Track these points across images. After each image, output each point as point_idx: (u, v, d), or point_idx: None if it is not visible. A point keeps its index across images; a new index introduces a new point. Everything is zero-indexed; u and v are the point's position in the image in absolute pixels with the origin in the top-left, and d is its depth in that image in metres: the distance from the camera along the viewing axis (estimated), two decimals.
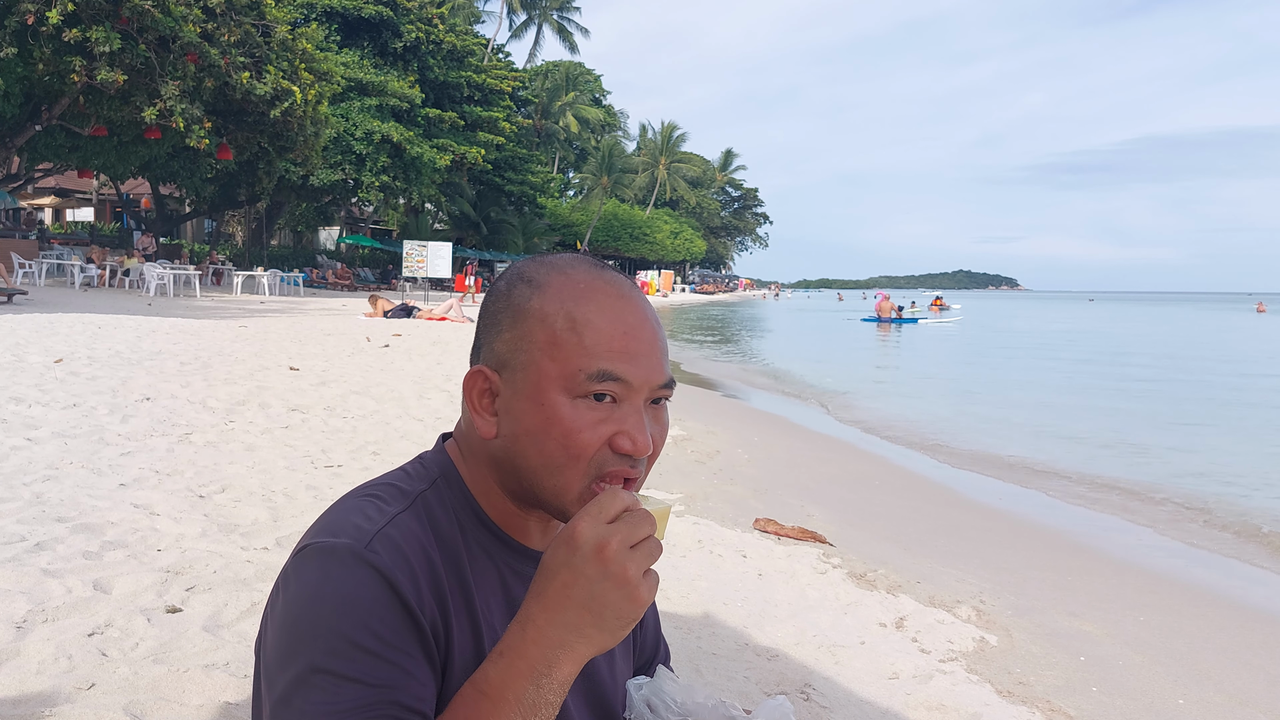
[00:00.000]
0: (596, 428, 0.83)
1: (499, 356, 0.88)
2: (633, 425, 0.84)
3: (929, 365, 17.65)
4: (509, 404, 0.86)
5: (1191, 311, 63.70)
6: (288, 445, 5.02)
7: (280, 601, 0.81)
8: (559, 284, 0.87)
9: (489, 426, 0.87)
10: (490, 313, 0.91)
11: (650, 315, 0.88)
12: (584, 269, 0.89)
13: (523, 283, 0.89)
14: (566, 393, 0.83)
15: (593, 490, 0.85)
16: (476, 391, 0.88)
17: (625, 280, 0.90)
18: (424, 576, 0.81)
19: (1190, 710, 2.57)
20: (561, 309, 0.85)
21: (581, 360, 0.83)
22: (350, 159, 33.32)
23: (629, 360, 0.84)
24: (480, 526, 0.90)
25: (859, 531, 4.44)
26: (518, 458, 0.86)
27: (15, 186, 25.26)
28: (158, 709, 1.99)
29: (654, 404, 0.88)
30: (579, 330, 0.84)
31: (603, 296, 0.86)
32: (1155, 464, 7.33)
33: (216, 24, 18.10)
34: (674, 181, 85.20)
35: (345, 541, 0.80)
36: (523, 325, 0.86)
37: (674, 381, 0.89)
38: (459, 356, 11.02)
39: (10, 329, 10.03)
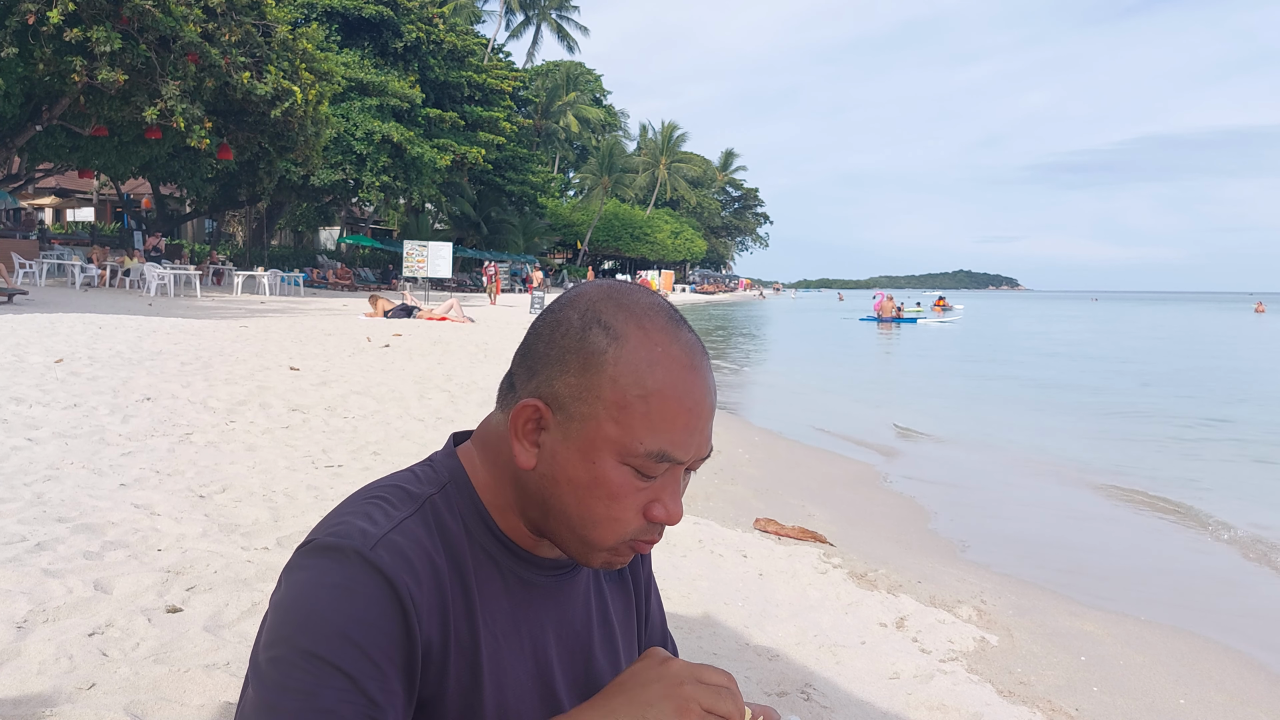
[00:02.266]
0: (637, 495, 0.84)
1: (559, 398, 0.85)
2: (669, 496, 0.85)
3: (930, 365, 17.64)
4: (556, 447, 0.85)
5: (1195, 312, 63.65)
6: (288, 445, 5.02)
7: (281, 590, 0.81)
8: (637, 342, 0.84)
9: (529, 458, 0.86)
10: (556, 345, 0.87)
11: (710, 387, 0.87)
12: (661, 325, 0.86)
13: (599, 328, 0.85)
14: (619, 459, 0.83)
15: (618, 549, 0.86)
16: (524, 420, 0.86)
17: (697, 345, 0.88)
18: (427, 584, 0.81)
19: (1191, 710, 2.57)
20: (635, 375, 0.83)
21: (644, 435, 0.82)
22: (351, 159, 33.34)
23: (687, 438, 0.84)
24: (487, 534, 0.89)
25: (860, 531, 4.44)
26: (553, 500, 0.86)
27: (16, 186, 25.27)
28: (158, 709, 1.99)
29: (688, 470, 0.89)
30: (649, 402, 0.82)
31: (677, 368, 0.84)
32: (1156, 464, 7.33)
33: (217, 24, 18.11)
34: (674, 181, 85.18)
35: (351, 543, 0.79)
36: (593, 377, 0.84)
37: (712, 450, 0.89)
38: (459, 356, 11.02)
39: (11, 329, 10.03)
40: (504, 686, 0.86)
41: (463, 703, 0.83)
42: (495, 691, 0.85)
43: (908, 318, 36.62)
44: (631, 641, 1.04)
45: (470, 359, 10.81)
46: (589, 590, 0.98)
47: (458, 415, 6.49)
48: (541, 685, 0.89)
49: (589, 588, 0.98)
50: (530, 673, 0.89)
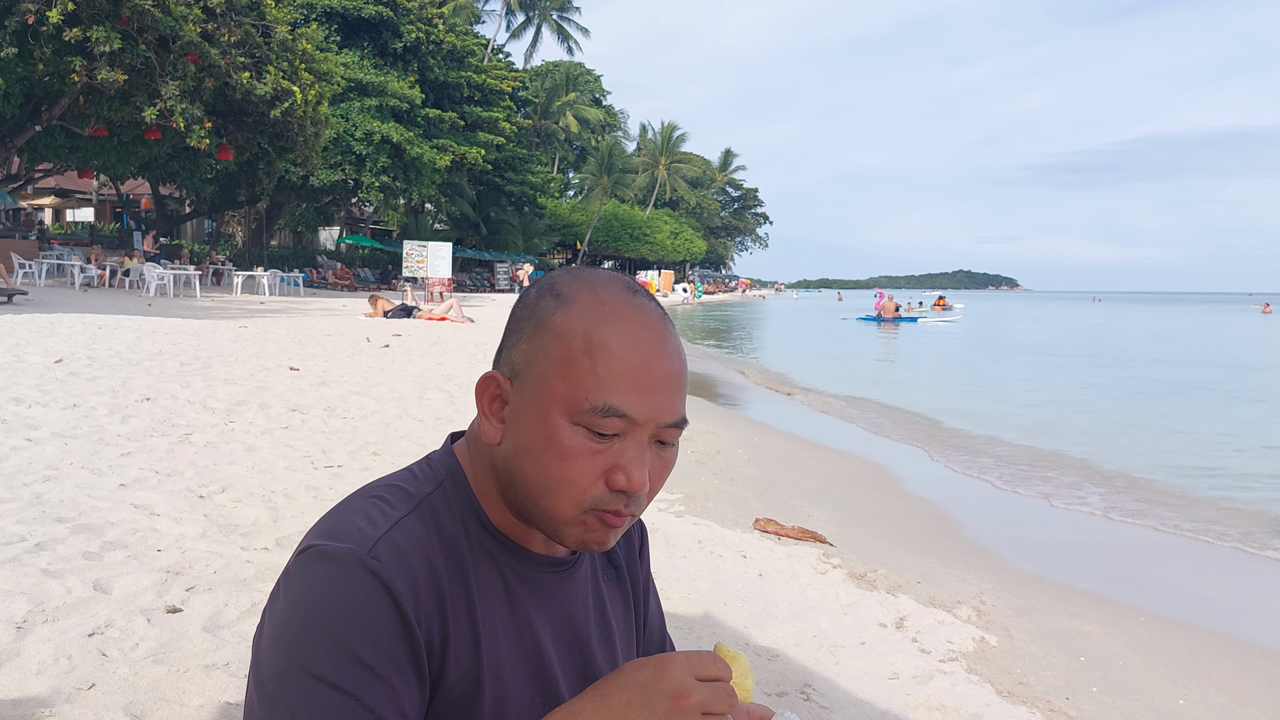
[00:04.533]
0: (593, 458, 0.82)
1: (514, 365, 0.86)
2: (630, 460, 0.82)
3: (931, 366, 17.65)
4: (516, 414, 0.85)
5: (1199, 313, 63.66)
6: (288, 445, 5.02)
7: (280, 601, 0.80)
8: (585, 302, 0.84)
9: (495, 433, 0.86)
10: (515, 319, 0.89)
11: (673, 348, 0.85)
12: (615, 290, 0.86)
13: (550, 295, 0.87)
14: (569, 416, 0.82)
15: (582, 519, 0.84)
16: (488, 396, 0.87)
17: (656, 308, 0.87)
18: (425, 585, 0.81)
19: (1190, 710, 2.57)
20: (581, 329, 0.83)
21: (590, 388, 0.81)
22: (350, 159, 33.34)
23: (638, 394, 0.81)
24: (484, 531, 0.89)
25: (859, 531, 4.44)
26: (515, 471, 0.85)
27: (15, 187, 25.27)
28: (158, 709, 1.99)
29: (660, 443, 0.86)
30: (594, 355, 0.81)
31: (626, 323, 0.83)
32: (1158, 466, 7.33)
33: (216, 24, 18.11)
34: (674, 181, 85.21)
35: (348, 546, 0.79)
36: (541, 338, 0.84)
37: (685, 421, 0.86)
38: (459, 357, 11.02)
39: (10, 329, 10.03)
40: (503, 683, 0.86)
41: (462, 700, 0.83)
42: (494, 688, 0.85)
43: (908, 317, 36.66)
44: (630, 643, 1.03)
45: (470, 359, 10.81)
46: (588, 589, 0.97)
47: (457, 415, 6.49)
48: (541, 682, 0.89)
49: (588, 586, 0.97)
50: (529, 669, 0.88)
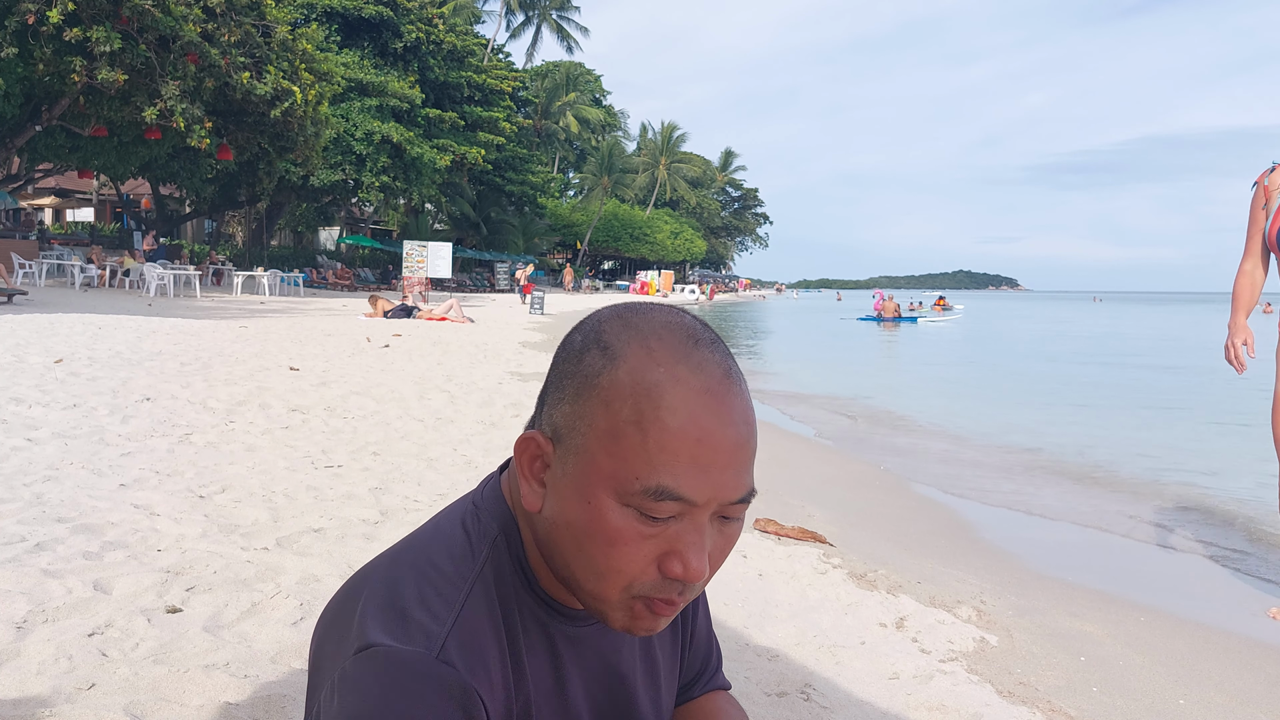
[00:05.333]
0: (645, 543, 0.73)
1: (556, 426, 0.76)
2: (688, 545, 0.73)
3: (931, 366, 17.65)
4: (558, 484, 0.76)
5: (1200, 313, 63.68)
6: (288, 446, 5.02)
7: (337, 705, 0.72)
8: (635, 359, 0.73)
9: (536, 499, 0.78)
10: (559, 371, 0.79)
11: (739, 413, 0.74)
12: (671, 343, 0.74)
13: (597, 348, 0.76)
14: (617, 497, 0.72)
15: (629, 604, 0.75)
16: (528, 457, 0.78)
17: (720, 361, 0.75)
18: (495, 682, 0.75)
19: (1191, 710, 2.57)
20: (631, 395, 0.72)
21: (640, 467, 0.71)
22: (350, 159, 33.36)
23: (697, 473, 0.71)
24: (532, 596, 0.82)
25: (859, 531, 4.44)
26: (557, 545, 0.77)
27: (15, 187, 25.29)
28: (158, 709, 1.99)
29: (724, 519, 0.76)
30: (645, 427, 0.71)
31: (683, 387, 0.72)
32: (1159, 467, 7.33)
33: (217, 24, 18.12)
34: (674, 182, 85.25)
35: (416, 650, 0.71)
36: (586, 402, 0.74)
37: (753, 493, 0.76)
38: (459, 357, 11.02)
39: (10, 329, 10.04)
40: None
41: None
42: None
43: (908, 317, 36.70)
44: (673, 666, 0.99)
45: (470, 359, 10.81)
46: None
47: (457, 416, 6.49)
48: None
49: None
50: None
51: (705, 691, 1.05)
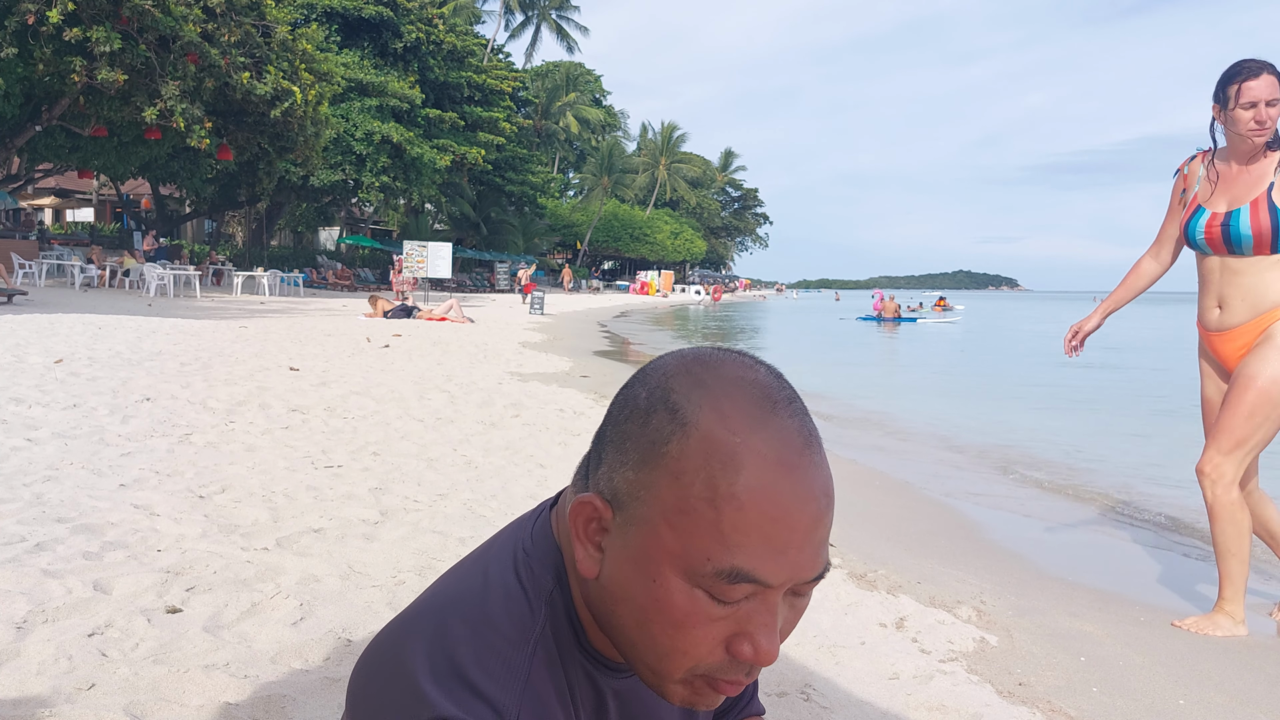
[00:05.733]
0: (714, 625, 0.68)
1: (617, 492, 0.71)
2: (758, 627, 0.68)
3: (931, 367, 17.66)
4: (616, 554, 0.71)
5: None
6: (288, 446, 5.02)
7: None
8: (708, 428, 0.68)
9: (592, 566, 0.73)
10: (620, 429, 0.72)
11: (819, 485, 0.69)
12: (746, 408, 0.69)
13: (665, 410, 0.70)
14: (685, 578, 0.67)
15: (691, 681, 0.71)
16: (583, 519, 0.73)
17: (800, 426, 0.70)
18: None
19: (1191, 710, 2.57)
20: (704, 469, 0.67)
21: (712, 547, 0.66)
22: (350, 159, 33.37)
23: (775, 555, 0.66)
24: (583, 654, 0.78)
25: (859, 531, 4.44)
26: (615, 619, 0.73)
27: (15, 187, 25.29)
28: (158, 709, 1.99)
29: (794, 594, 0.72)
30: (719, 506, 0.66)
31: (760, 463, 0.67)
32: (1159, 467, 7.33)
33: (217, 24, 18.13)
34: (674, 182, 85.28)
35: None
36: (652, 471, 0.69)
37: (829, 567, 0.71)
38: (459, 357, 11.02)
39: (10, 329, 10.04)
40: None
41: None
42: None
43: (908, 318, 36.71)
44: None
45: (470, 359, 10.81)
46: None
47: (457, 416, 6.49)
48: None
49: None
50: None
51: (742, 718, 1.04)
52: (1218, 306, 3.30)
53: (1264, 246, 3.16)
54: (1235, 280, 3.22)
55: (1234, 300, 3.23)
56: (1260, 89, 3.10)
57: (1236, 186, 3.23)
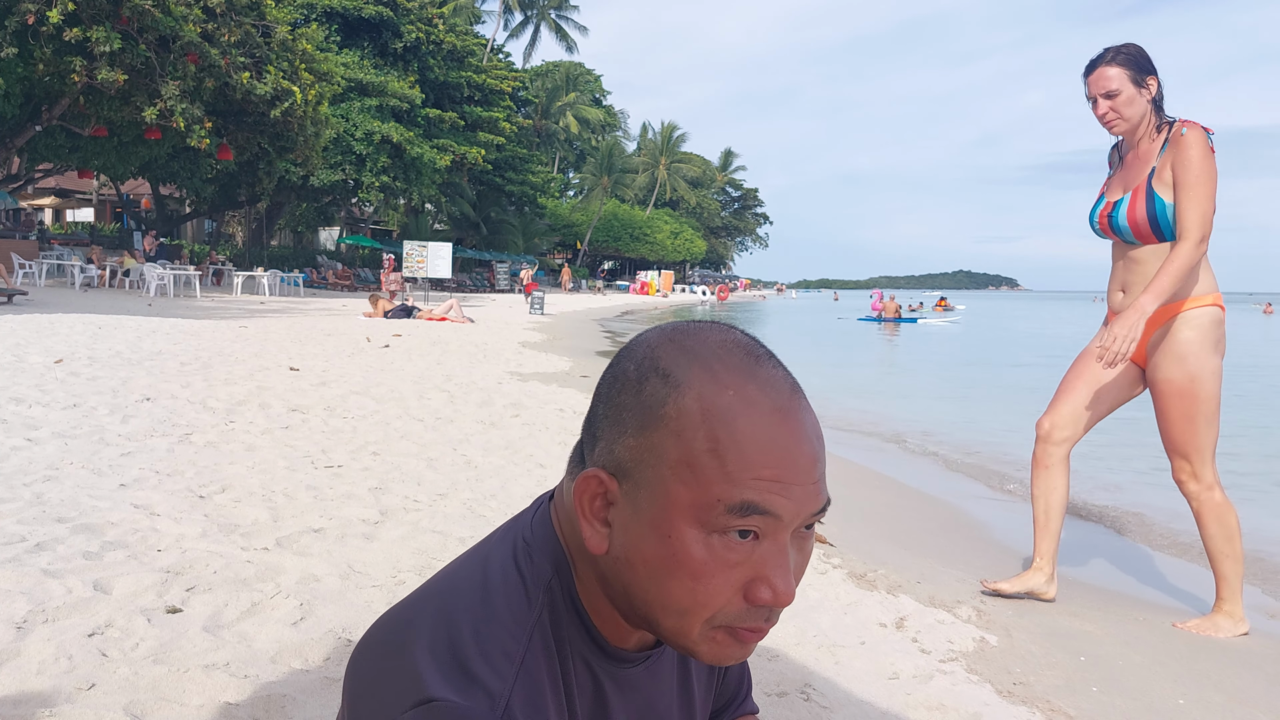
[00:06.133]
0: (730, 572, 0.71)
1: (620, 463, 0.74)
2: (774, 569, 0.71)
3: (932, 367, 17.66)
4: (627, 523, 0.73)
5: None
6: (288, 445, 5.02)
7: None
8: (701, 385, 0.72)
9: (600, 541, 0.75)
10: (614, 402, 0.75)
11: (810, 429, 0.74)
12: (733, 364, 0.73)
13: (656, 376, 0.73)
14: (700, 526, 0.70)
15: (712, 635, 0.73)
16: (589, 496, 0.75)
17: (783, 379, 0.75)
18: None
19: (1191, 710, 2.57)
20: (702, 422, 0.70)
21: (722, 489, 0.69)
22: (350, 159, 33.37)
23: (781, 490, 0.70)
24: (585, 637, 0.80)
25: (859, 531, 4.44)
26: (631, 586, 0.74)
27: (15, 187, 25.30)
28: (158, 709, 1.99)
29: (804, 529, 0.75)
30: (722, 454, 0.69)
31: (755, 410, 0.71)
32: (1157, 467, 7.33)
33: (217, 24, 18.13)
34: (674, 181, 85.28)
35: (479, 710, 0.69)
36: (652, 434, 0.72)
37: (830, 501, 0.75)
38: (459, 357, 11.02)
39: (10, 329, 10.04)
40: None
41: None
42: None
43: (908, 318, 36.72)
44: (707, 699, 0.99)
45: (470, 359, 10.81)
46: (673, 664, 0.91)
47: (457, 416, 6.49)
48: None
49: (673, 661, 0.91)
50: None
51: (736, 717, 1.06)
52: (1121, 291, 3.26)
53: (1146, 236, 3.11)
54: (1136, 268, 3.18)
55: (1135, 287, 3.18)
56: (1095, 84, 3.10)
57: (1129, 173, 3.19)
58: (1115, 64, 3.07)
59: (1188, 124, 3.03)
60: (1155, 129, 3.12)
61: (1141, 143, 3.16)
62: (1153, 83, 3.09)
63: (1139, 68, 3.07)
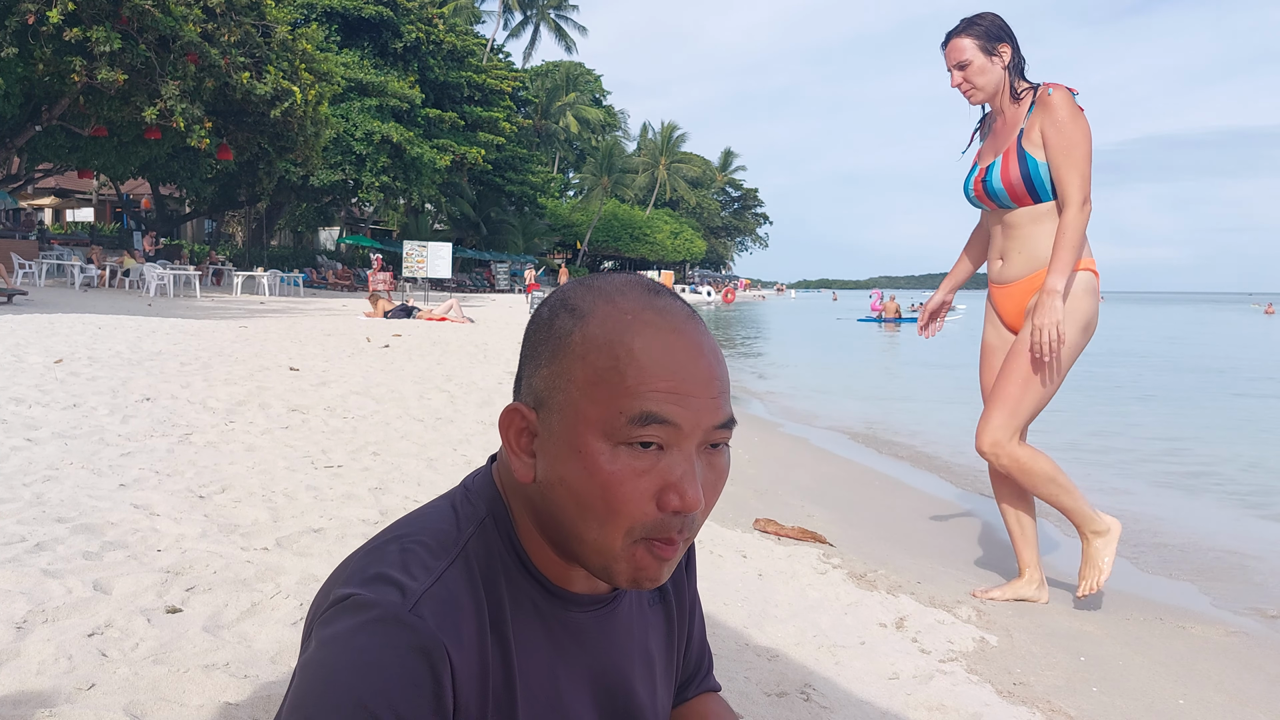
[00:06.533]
0: (639, 480, 0.75)
1: (537, 393, 0.80)
2: (681, 477, 0.75)
3: (932, 368, 17.65)
4: (546, 447, 0.79)
5: (1204, 314, 63.65)
6: (288, 445, 5.02)
7: (310, 651, 0.75)
8: (604, 313, 0.78)
9: (526, 470, 0.80)
10: (531, 343, 0.83)
11: (707, 347, 0.79)
12: (634, 295, 0.80)
13: (565, 311, 0.80)
14: (607, 438, 0.75)
15: (631, 551, 0.77)
16: (514, 430, 0.81)
17: (680, 307, 0.81)
18: (468, 648, 0.76)
19: (1190, 710, 2.57)
20: (605, 344, 0.76)
21: (624, 402, 0.74)
22: (350, 159, 33.36)
23: (678, 400, 0.75)
24: (525, 575, 0.84)
25: (859, 531, 4.45)
26: (555, 506, 0.79)
27: (15, 187, 25.29)
28: (158, 709, 1.99)
29: (711, 448, 0.79)
30: (622, 368, 0.75)
31: (651, 329, 0.77)
32: (1157, 467, 7.33)
33: (216, 24, 18.13)
34: (674, 182, 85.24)
35: (389, 601, 0.74)
36: (562, 360, 0.78)
37: (733, 420, 0.80)
38: (459, 357, 11.02)
39: (10, 329, 10.04)
40: None
41: None
42: None
43: (908, 318, 36.72)
44: (670, 665, 1.00)
45: (470, 359, 10.81)
46: (630, 621, 0.92)
47: (457, 416, 6.49)
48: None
49: (631, 619, 0.92)
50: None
51: (698, 693, 1.08)
52: (1000, 258, 3.22)
53: (1021, 197, 3.06)
54: (1013, 233, 3.13)
55: (1012, 254, 3.14)
56: (949, 56, 3.11)
57: (999, 139, 3.16)
58: (967, 35, 3.07)
59: (1053, 85, 2.99)
60: (1018, 94, 3.08)
61: (1007, 109, 3.12)
62: (1005, 50, 3.06)
63: (990, 36, 3.05)
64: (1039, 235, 3.07)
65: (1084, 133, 2.92)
